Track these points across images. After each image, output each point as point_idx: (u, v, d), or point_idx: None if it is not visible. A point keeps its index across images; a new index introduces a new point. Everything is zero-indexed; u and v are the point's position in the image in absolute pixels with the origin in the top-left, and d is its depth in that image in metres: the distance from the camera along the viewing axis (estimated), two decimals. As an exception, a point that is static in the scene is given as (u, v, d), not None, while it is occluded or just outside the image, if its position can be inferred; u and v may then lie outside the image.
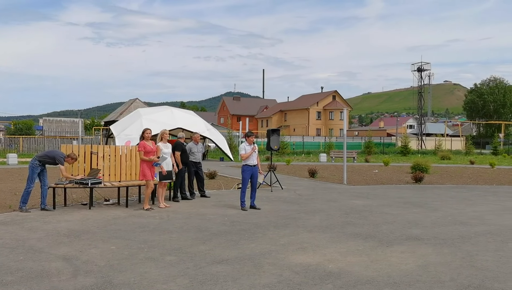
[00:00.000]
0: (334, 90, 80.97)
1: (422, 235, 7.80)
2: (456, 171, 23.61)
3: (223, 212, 9.74)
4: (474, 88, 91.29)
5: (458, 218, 9.50)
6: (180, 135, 11.83)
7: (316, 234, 7.75)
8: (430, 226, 8.57)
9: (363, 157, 36.01)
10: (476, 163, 30.88)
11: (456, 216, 9.80)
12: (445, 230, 8.23)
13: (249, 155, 10.14)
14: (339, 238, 7.44)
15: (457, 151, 50.98)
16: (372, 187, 15.51)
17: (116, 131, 26.64)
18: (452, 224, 8.81)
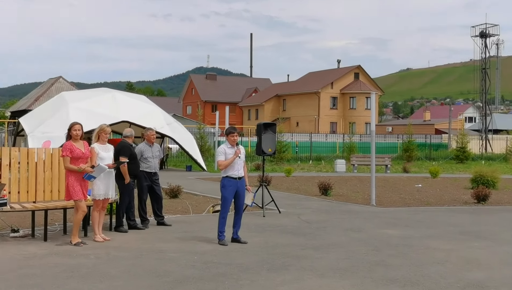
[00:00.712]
0: (356, 65, 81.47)
1: (487, 281, 7.87)
2: (537, 185, 23.90)
3: (191, 248, 9.73)
4: None
5: (541, 256, 9.61)
6: (128, 133, 11.79)
7: (331, 281, 7.76)
8: (498, 267, 8.66)
9: (400, 165, 36.30)
10: None
11: (538, 252, 9.92)
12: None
13: (230, 162, 10.16)
14: (364, 287, 7.45)
15: (538, 155, 51.55)
16: (414, 210, 15.63)
17: (29, 126, 26.51)
18: (532, 265, 8.91)
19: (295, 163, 38.99)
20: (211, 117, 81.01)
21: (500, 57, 76.47)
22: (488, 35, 62.99)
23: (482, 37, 63.00)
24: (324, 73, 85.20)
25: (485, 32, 62.88)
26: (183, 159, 37.35)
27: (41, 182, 10.84)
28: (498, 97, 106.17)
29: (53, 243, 10.00)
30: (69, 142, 9.86)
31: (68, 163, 9.74)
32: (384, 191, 20.36)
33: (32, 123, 26.73)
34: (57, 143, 23.34)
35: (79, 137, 9.94)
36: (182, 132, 29.77)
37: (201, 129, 39.35)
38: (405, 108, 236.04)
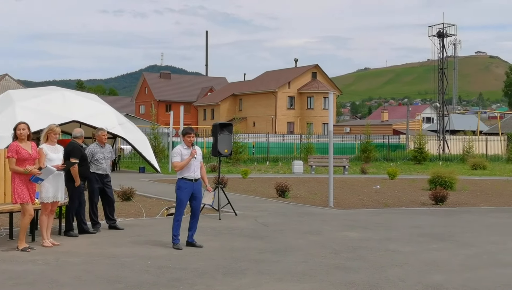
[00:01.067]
0: (314, 64, 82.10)
1: (446, 283, 8.02)
2: (494, 186, 24.52)
3: (145, 253, 9.65)
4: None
5: (499, 257, 9.83)
6: (78, 134, 11.61)
7: (288, 285, 7.79)
8: (458, 270, 8.83)
9: (358, 166, 36.70)
10: (522, 175, 32.15)
11: (496, 254, 10.15)
12: (480, 276, 8.50)
13: (186, 163, 10.11)
14: (323, 290, 7.51)
15: (495, 156, 52.98)
16: (372, 212, 15.83)
17: (-29, 126, 25.82)
18: (490, 266, 9.11)
19: (252, 164, 39.05)
20: (165, 117, 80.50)
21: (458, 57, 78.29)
22: (445, 35, 64.18)
23: (440, 37, 64.17)
24: (281, 72, 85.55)
25: (442, 32, 64.07)
26: (136, 161, 37.00)
27: (-15, 185, 10.59)
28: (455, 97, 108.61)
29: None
30: (15, 142, 9.65)
31: (14, 165, 9.53)
32: (342, 192, 20.56)
33: (-26, 123, 26.06)
34: (2, 144, 22.78)
35: (26, 138, 9.74)
36: (135, 132, 29.49)
37: (155, 130, 39.04)
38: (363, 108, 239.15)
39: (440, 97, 63.81)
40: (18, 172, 9.54)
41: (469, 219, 14.78)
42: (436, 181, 21.58)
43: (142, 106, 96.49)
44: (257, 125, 78.64)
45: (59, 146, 10.41)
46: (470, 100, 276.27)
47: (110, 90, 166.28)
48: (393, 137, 60.67)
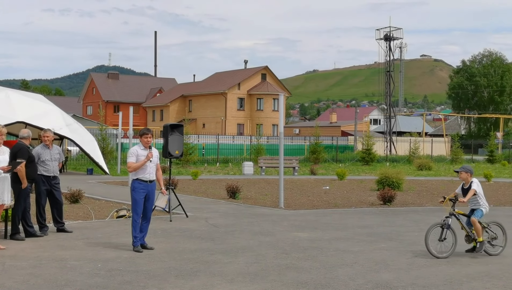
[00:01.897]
0: (263, 65, 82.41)
1: (395, 281, 8.18)
2: (439, 186, 25.09)
3: (94, 256, 9.52)
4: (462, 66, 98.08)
5: (445, 255, 10.06)
6: (25, 134, 11.36)
7: (240, 286, 7.81)
8: (405, 268, 9.01)
9: (307, 167, 37.04)
10: (466, 175, 32.96)
11: (442, 252, 10.39)
12: (427, 273, 8.69)
13: (141, 165, 10.01)
14: (275, 291, 7.54)
15: (440, 157, 54.21)
16: (322, 213, 15.99)
17: None
18: (436, 265, 9.32)
19: (202, 165, 38.95)
20: (113, 118, 79.53)
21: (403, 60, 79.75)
22: (392, 38, 65.43)
23: (387, 40, 65.37)
24: (231, 74, 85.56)
25: (389, 35, 65.27)
26: (84, 162, 36.43)
27: None
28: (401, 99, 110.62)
29: None
30: (-40, 144, 9.38)
31: (-41, 167, 9.26)
32: (292, 193, 20.69)
33: None
34: None
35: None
36: (82, 133, 29.04)
37: (103, 131, 38.52)
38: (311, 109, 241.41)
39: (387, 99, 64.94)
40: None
41: (415, 218, 15.07)
42: (383, 182, 21.94)
43: (90, 106, 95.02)
44: (206, 126, 78.49)
45: (5, 147, 10.17)
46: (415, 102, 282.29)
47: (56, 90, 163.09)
48: (341, 139, 61.42)
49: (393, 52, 65.45)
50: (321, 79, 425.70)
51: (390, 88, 64.62)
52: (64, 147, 33.88)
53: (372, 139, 47.29)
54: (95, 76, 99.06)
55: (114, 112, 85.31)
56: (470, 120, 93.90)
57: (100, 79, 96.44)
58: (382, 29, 65.95)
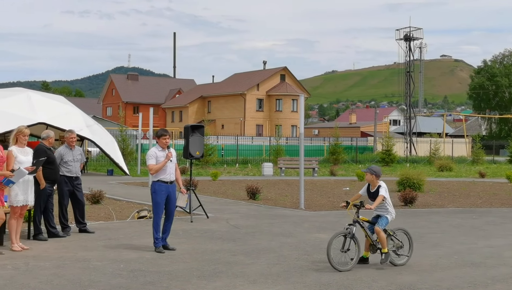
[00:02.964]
0: (282, 66, 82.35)
1: (418, 283, 8.12)
2: (460, 187, 24.89)
3: (116, 256, 9.56)
4: (483, 66, 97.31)
5: (467, 257, 9.98)
6: (44, 135, 11.42)
7: (263, 287, 7.80)
8: (429, 270, 8.95)
9: (327, 168, 36.95)
10: (487, 176, 32.74)
11: (464, 254, 10.31)
12: (450, 275, 8.62)
13: (162, 166, 10.03)
14: (298, 292, 7.52)
15: (460, 158, 53.82)
16: (343, 214, 15.88)
17: None
18: (459, 266, 9.24)
19: (221, 166, 39.01)
20: (133, 119, 79.97)
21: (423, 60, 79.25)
22: (412, 38, 65.08)
23: (406, 40, 65.05)
24: (249, 75, 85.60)
25: (409, 36, 64.94)
26: (104, 163, 36.69)
27: (-48, 188, 10.35)
28: (421, 100, 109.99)
29: (-34, 253, 9.60)
30: (-15, 145, 9.48)
31: (-17, 168, 9.36)
32: (312, 194, 20.65)
33: None
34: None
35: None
36: (102, 134, 29.21)
37: (123, 132, 38.75)
38: (330, 110, 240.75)
39: (407, 100, 64.59)
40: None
41: (437, 219, 14.97)
42: (404, 183, 21.82)
43: (109, 108, 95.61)
44: (225, 127, 78.59)
45: (29, 148, 10.25)
46: (435, 103, 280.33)
47: (76, 92, 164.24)
48: (361, 139, 61.23)
49: (413, 53, 65.14)
50: (340, 79, 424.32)
51: (410, 89, 64.25)
52: (84, 148, 34.13)
53: (392, 140, 47.09)
54: (114, 78, 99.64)
55: (134, 113, 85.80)
56: (491, 121, 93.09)
57: (120, 81, 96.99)
58: (402, 29, 65.63)
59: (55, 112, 26.46)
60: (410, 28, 65.05)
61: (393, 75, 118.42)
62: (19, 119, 21.62)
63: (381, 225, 9.12)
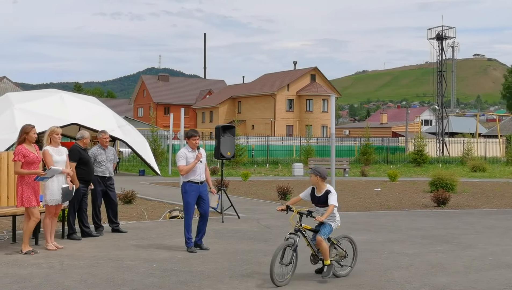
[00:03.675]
0: (313, 66, 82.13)
1: (452, 284, 8.04)
2: (494, 188, 24.53)
3: (149, 256, 9.64)
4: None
5: (503, 259, 9.84)
6: (82, 135, 11.58)
7: (296, 288, 7.80)
8: (463, 272, 8.84)
9: (358, 169, 36.74)
10: (522, 177, 32.20)
11: (500, 255, 10.17)
12: (486, 277, 8.51)
13: (192, 167, 10.08)
14: (330, 293, 7.50)
15: (494, 158, 53.04)
16: (375, 214, 15.82)
17: (-29, 128, 25.75)
18: (495, 268, 9.11)
19: (252, 167, 39.05)
20: (163, 120, 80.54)
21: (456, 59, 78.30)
22: (444, 37, 64.35)
23: (439, 39, 64.32)
24: (280, 75, 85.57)
25: (441, 35, 64.21)
26: (136, 163, 37.00)
27: (-12, 188, 10.56)
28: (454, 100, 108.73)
29: (2, 252, 9.76)
30: (22, 146, 9.63)
31: (19, 168, 9.51)
32: (343, 195, 20.55)
33: (-26, 126, 25.99)
34: (1, 146, 22.80)
35: (33, 141, 9.78)
36: (134, 135, 29.46)
37: (154, 132, 39.02)
38: (361, 110, 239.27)
39: (439, 100, 63.90)
40: (24, 175, 9.52)
41: (471, 221, 14.78)
42: (437, 183, 21.60)
43: (141, 108, 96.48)
44: (256, 127, 78.67)
45: (63, 148, 10.38)
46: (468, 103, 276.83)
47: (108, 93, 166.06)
48: (392, 140, 60.72)
49: (445, 52, 64.39)
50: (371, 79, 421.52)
51: (442, 88, 63.55)
52: (116, 149, 34.49)
53: (423, 140, 46.58)
54: (146, 79, 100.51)
55: (165, 113, 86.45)
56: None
57: (151, 81, 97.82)
58: (434, 28, 64.93)
59: (88, 113, 26.75)
60: (442, 27, 64.32)
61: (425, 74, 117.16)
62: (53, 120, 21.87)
63: (323, 234, 8.24)
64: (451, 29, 64.65)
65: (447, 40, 65.08)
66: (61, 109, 26.11)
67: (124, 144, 30.54)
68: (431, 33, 64.86)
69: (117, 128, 27.48)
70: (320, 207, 8.43)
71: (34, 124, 10.10)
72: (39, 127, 12.79)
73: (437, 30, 64.48)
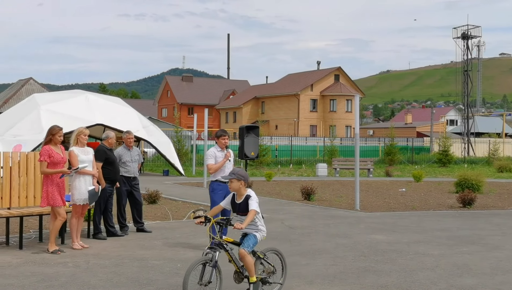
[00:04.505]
0: (336, 66, 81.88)
1: (478, 286, 7.96)
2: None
3: (173, 255, 9.69)
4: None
5: (531, 261, 9.72)
6: (107, 135, 11.68)
7: (320, 288, 7.78)
8: (489, 273, 8.75)
9: (382, 169, 36.52)
10: (550, 177, 31.75)
11: (528, 257, 10.04)
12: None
13: (221, 165, 10.13)
14: (355, 294, 7.48)
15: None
16: (399, 215, 15.72)
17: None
18: (523, 270, 9.01)
19: (275, 167, 39.04)
20: (187, 120, 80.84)
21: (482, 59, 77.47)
22: (469, 36, 63.71)
23: (464, 38, 63.70)
24: (303, 75, 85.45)
25: (467, 34, 63.58)
26: (160, 163, 37.20)
27: (15, 188, 10.67)
28: (479, 99, 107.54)
29: (29, 251, 9.88)
30: (48, 146, 9.75)
31: (45, 168, 9.63)
32: (367, 195, 20.46)
33: (1, 126, 26.34)
34: (28, 146, 23.09)
35: (60, 141, 9.90)
36: (158, 135, 29.64)
37: (178, 133, 39.20)
38: (385, 110, 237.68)
39: (465, 99, 63.29)
40: (49, 174, 9.63)
41: (497, 221, 14.61)
42: (463, 184, 21.38)
43: (165, 109, 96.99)
44: (279, 128, 78.65)
45: (89, 148, 10.48)
46: (494, 102, 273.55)
47: (132, 93, 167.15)
48: (417, 140, 60.30)
49: (470, 51, 63.74)
50: (395, 79, 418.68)
51: (468, 88, 62.92)
52: (141, 149, 34.72)
53: (449, 140, 46.19)
54: (169, 79, 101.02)
55: (188, 114, 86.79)
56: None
57: (175, 82, 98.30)
58: (459, 27, 64.33)
59: (113, 114, 26.96)
60: (468, 26, 63.67)
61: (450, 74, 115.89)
62: (78, 121, 22.16)
63: (247, 247, 7.17)
64: (477, 28, 63.98)
65: (473, 39, 64.45)
66: (87, 109, 26.36)
67: (149, 145, 30.74)
68: (457, 32, 64.28)
69: (141, 129, 27.67)
70: (242, 215, 7.37)
71: (60, 124, 10.22)
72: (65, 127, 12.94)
73: (463, 29, 63.87)
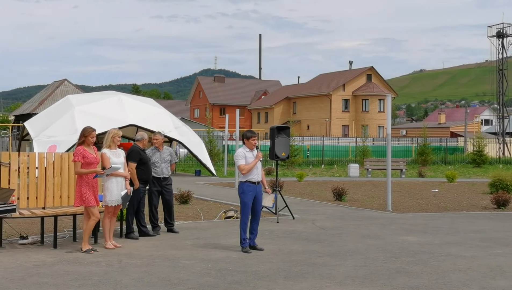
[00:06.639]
0: (369, 66, 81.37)
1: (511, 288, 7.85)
2: (558, 190, 23.75)
3: (204, 255, 9.75)
4: None
5: None
6: (138, 137, 11.82)
7: (350, 289, 7.76)
8: (523, 276, 8.62)
9: (415, 170, 36.21)
10: None
11: None
12: (548, 282, 8.28)
13: (253, 166, 10.14)
14: (385, 295, 7.44)
15: (558, 159, 51.32)
16: (432, 216, 15.58)
17: (34, 130, 26.62)
18: (558, 272, 8.86)
19: (307, 167, 38.99)
20: (219, 121, 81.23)
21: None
22: (505, 35, 62.75)
23: (499, 37, 62.77)
24: (335, 75, 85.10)
25: (502, 32, 62.64)
26: (192, 164, 37.42)
27: (50, 188, 10.87)
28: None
29: (63, 250, 10.03)
30: (81, 147, 9.91)
31: (79, 168, 9.78)
32: (400, 196, 20.31)
33: (37, 127, 26.83)
34: (62, 147, 23.47)
35: (93, 142, 10.05)
36: (190, 136, 29.83)
37: (210, 133, 39.39)
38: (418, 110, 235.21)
39: (500, 99, 62.38)
40: (83, 174, 9.78)
41: (533, 223, 14.39)
42: (497, 185, 21.06)
43: (197, 109, 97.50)
44: (311, 128, 78.47)
45: (120, 150, 10.60)
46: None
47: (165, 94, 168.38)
48: (450, 140, 59.58)
49: (506, 50, 62.76)
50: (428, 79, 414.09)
51: (503, 87, 61.99)
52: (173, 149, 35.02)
53: (483, 140, 45.59)
54: (202, 80, 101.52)
55: (220, 114, 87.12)
56: None
57: (207, 83, 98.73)
58: (494, 26, 63.41)
59: (145, 114, 27.24)
60: (503, 25, 62.75)
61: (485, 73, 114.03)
62: (111, 122, 22.45)
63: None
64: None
65: (508, 38, 63.44)
66: (120, 110, 26.68)
67: (181, 145, 30.99)
68: (491, 30, 63.37)
69: (173, 129, 27.91)
70: None
71: (93, 125, 10.37)
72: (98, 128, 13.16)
73: (498, 28, 62.94)
